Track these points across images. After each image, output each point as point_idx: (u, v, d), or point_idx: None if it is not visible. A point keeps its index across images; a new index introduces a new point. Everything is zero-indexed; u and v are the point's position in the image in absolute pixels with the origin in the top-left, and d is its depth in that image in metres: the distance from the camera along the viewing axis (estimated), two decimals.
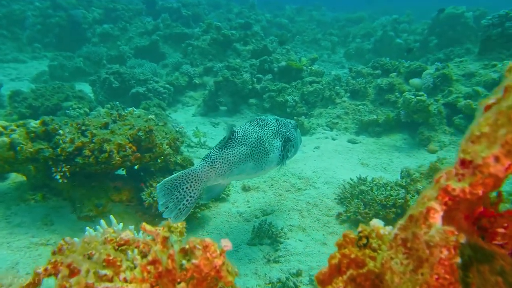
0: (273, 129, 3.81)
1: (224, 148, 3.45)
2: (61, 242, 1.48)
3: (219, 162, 3.37)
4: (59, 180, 3.88)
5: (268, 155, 3.68)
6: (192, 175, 3.27)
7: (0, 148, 3.95)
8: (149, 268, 1.17)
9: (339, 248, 1.30)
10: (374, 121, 7.97)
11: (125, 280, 1.13)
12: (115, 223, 2.48)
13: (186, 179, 3.24)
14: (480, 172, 0.94)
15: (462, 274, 0.99)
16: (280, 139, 3.83)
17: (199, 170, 3.31)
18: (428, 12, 20.19)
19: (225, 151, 3.43)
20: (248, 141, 3.55)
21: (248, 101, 9.87)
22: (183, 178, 3.24)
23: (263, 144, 3.64)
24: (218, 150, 3.44)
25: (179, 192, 3.19)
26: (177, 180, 3.22)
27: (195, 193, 3.25)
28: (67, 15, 15.64)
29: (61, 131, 3.92)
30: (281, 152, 3.83)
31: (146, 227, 1.31)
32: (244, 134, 3.57)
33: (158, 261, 1.16)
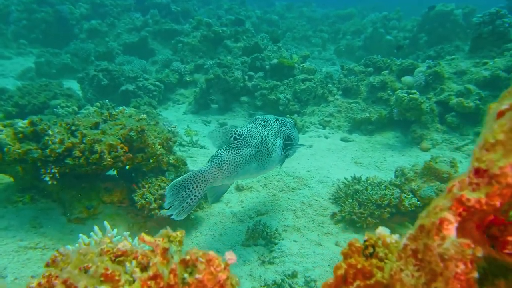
0: (275, 129, 3.87)
1: (231, 150, 3.50)
2: (55, 254, 1.41)
3: (227, 164, 3.43)
4: (48, 182, 3.77)
5: (271, 155, 3.74)
6: (200, 177, 3.35)
7: None
8: (150, 283, 1.11)
9: (345, 258, 1.26)
10: (367, 119, 7.98)
11: None
12: (109, 229, 2.41)
13: (194, 180, 3.33)
14: (498, 183, 0.90)
15: None
16: (281, 138, 3.89)
17: (207, 172, 3.38)
18: (417, 9, 20.34)
19: (232, 153, 3.48)
20: (253, 142, 3.61)
21: (240, 99, 9.79)
22: (191, 179, 3.32)
23: (266, 144, 3.70)
24: (226, 152, 3.48)
25: (185, 192, 3.28)
26: (186, 181, 3.31)
27: (200, 193, 3.35)
28: (54, 11, 15.29)
29: (50, 132, 3.80)
30: (283, 151, 3.89)
31: (145, 238, 1.25)
32: (249, 135, 3.61)
33: (160, 276, 1.11)
